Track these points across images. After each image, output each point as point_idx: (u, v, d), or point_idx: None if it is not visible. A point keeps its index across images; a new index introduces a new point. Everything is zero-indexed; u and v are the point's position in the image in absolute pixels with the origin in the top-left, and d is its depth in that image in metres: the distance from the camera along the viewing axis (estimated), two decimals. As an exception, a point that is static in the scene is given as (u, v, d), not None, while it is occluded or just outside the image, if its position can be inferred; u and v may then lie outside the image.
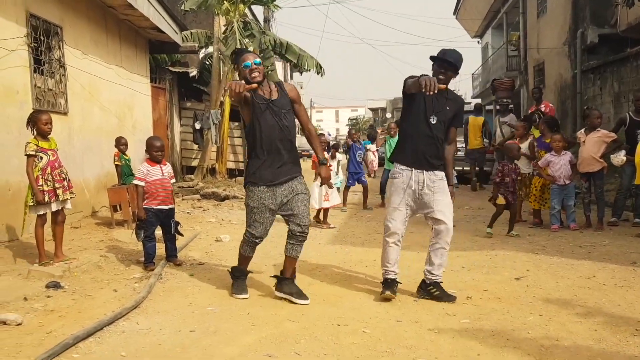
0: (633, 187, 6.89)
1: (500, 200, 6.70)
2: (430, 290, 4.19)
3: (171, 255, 5.44)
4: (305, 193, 4.22)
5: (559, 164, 6.89)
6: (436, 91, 3.72)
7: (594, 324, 3.50)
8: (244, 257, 4.38)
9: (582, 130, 7.29)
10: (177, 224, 5.49)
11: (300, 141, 24.52)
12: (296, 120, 4.33)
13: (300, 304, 4.06)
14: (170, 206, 5.46)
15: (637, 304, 3.86)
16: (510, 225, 6.77)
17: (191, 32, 13.80)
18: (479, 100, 27.25)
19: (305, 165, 10.12)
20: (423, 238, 6.55)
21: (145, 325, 3.65)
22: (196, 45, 12.91)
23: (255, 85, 4.08)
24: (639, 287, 4.29)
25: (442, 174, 4.18)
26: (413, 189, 4.11)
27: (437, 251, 4.18)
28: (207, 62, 15.62)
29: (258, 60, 4.15)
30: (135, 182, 5.33)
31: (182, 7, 13.97)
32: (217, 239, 6.76)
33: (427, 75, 3.88)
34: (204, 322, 3.69)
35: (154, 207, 5.31)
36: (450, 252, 5.62)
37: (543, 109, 10.07)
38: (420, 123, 4.15)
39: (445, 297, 4.14)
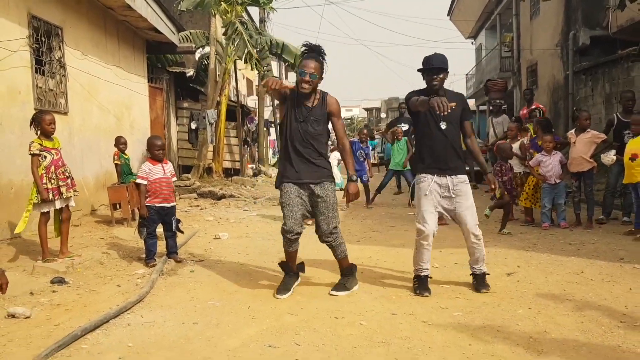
0: (620, 186, 7.06)
1: (507, 197, 7.01)
2: (472, 280, 4.47)
3: (172, 252, 5.57)
4: (326, 201, 4.25)
5: (549, 164, 7.06)
6: (449, 111, 3.88)
7: (580, 317, 3.66)
8: (286, 253, 4.42)
9: (572, 130, 7.44)
10: (178, 221, 5.61)
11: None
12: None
13: (330, 294, 4.30)
14: (172, 204, 5.59)
15: (623, 298, 4.02)
16: (503, 224, 6.93)
17: (190, 32, 13.93)
18: (472, 101, 27.50)
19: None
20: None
21: (149, 318, 3.79)
22: (193, 45, 13.04)
23: (290, 86, 4.23)
24: (624, 282, 4.46)
25: (464, 177, 4.36)
26: (438, 191, 4.30)
27: (470, 248, 4.40)
28: (204, 62, 15.74)
29: (315, 74, 4.14)
30: (138, 181, 5.46)
31: (179, 8, 14.11)
32: (215, 237, 6.89)
33: (436, 97, 3.99)
34: (206, 316, 3.83)
35: (156, 205, 5.44)
36: (444, 249, 5.86)
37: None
38: (432, 131, 4.32)
39: (476, 285, 4.39)
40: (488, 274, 4.50)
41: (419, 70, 4.38)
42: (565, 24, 14.76)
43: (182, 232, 5.77)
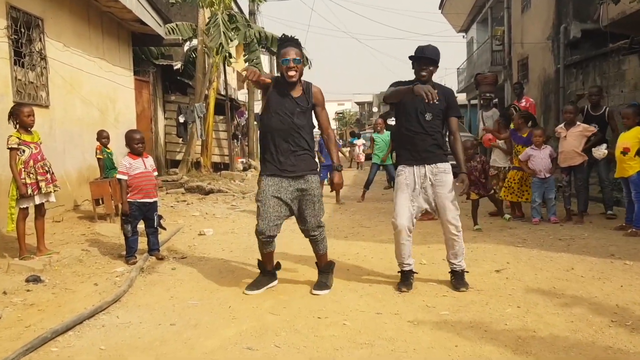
0: (607, 180, 7.00)
1: (473, 195, 6.83)
2: (450, 279, 4.34)
3: (153, 249, 5.43)
4: (311, 193, 4.10)
5: (539, 158, 6.96)
6: (437, 99, 3.79)
7: (570, 316, 3.56)
8: (261, 254, 4.27)
9: (562, 125, 7.36)
10: (160, 217, 5.47)
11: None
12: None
13: (313, 293, 4.15)
14: (153, 199, 5.45)
15: (614, 296, 3.92)
16: (499, 210, 7.24)
17: (176, 25, 13.72)
18: (463, 95, 27.43)
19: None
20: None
21: (125, 319, 3.65)
22: (180, 38, 12.83)
23: (268, 80, 4.08)
24: (615, 279, 4.36)
25: (444, 166, 4.20)
26: (416, 183, 4.16)
27: (448, 240, 4.26)
28: (192, 55, 15.53)
29: (298, 59, 4.03)
30: (119, 176, 5.30)
31: (176, 1, 13.89)
32: (200, 233, 6.75)
33: (419, 84, 3.90)
34: (184, 316, 3.69)
35: (138, 201, 5.29)
36: (432, 244, 5.75)
37: (524, 104, 10.15)
38: (415, 122, 4.19)
39: (455, 283, 4.25)
40: (467, 271, 4.36)
41: (410, 57, 4.25)
42: (557, 17, 14.67)
43: (164, 228, 5.62)
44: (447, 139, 4.41)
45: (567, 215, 7.13)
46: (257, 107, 24.35)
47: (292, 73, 4.02)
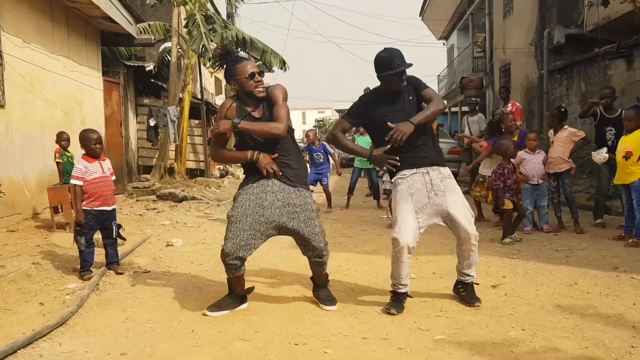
0: (612, 188, 6.64)
1: (508, 204, 6.11)
2: (458, 289, 3.92)
3: (112, 262, 4.87)
4: (308, 209, 3.57)
5: (533, 162, 6.57)
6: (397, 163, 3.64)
7: (583, 340, 3.11)
8: (228, 279, 3.69)
9: (551, 131, 7.05)
10: (119, 226, 4.92)
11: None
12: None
13: (325, 309, 3.72)
14: (112, 207, 4.90)
15: (628, 316, 3.49)
16: (513, 229, 6.22)
17: (149, 24, 13.14)
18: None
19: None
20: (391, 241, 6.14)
21: (68, 347, 3.11)
22: (153, 37, 12.24)
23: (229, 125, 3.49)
24: (625, 295, 3.94)
25: (447, 171, 3.75)
26: (421, 190, 3.65)
27: (464, 252, 3.77)
28: (166, 57, 14.95)
29: (262, 72, 3.59)
30: (73, 181, 4.74)
31: (148, 1, 13.34)
32: (168, 244, 6.19)
33: (375, 150, 3.72)
34: (139, 343, 3.16)
35: (95, 209, 4.74)
36: (421, 256, 5.28)
37: (510, 108, 9.80)
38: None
39: (468, 299, 3.82)
40: (477, 283, 3.95)
41: (379, 75, 3.70)
42: (540, 22, 14.44)
43: (123, 239, 5.08)
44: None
45: (558, 223, 6.75)
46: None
47: (261, 89, 3.55)
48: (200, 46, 11.57)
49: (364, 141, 9.34)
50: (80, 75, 9.56)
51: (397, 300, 3.74)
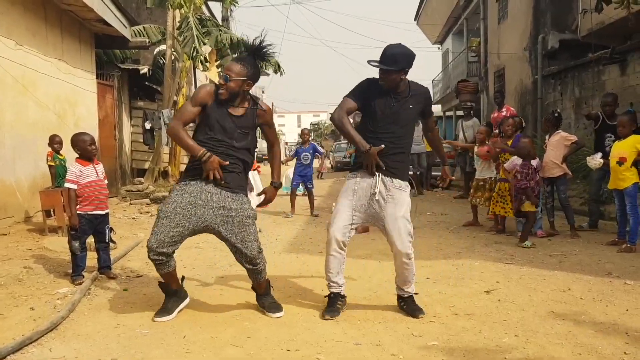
0: (606, 192, 6.66)
1: (529, 206, 6.15)
2: (400, 304, 3.82)
3: (104, 266, 4.83)
4: (244, 214, 3.50)
5: (526, 168, 6.57)
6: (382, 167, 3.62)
7: (577, 347, 3.10)
8: (161, 276, 3.68)
9: (547, 136, 7.09)
10: (111, 229, 4.89)
11: (262, 145, 24.07)
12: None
13: (273, 317, 3.67)
14: (105, 211, 4.87)
15: (621, 322, 3.49)
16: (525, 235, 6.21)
17: (144, 27, 13.11)
18: (438, 106, 27.26)
19: (265, 169, 9.56)
20: (385, 246, 6.13)
21: (59, 353, 3.08)
22: (147, 40, 12.21)
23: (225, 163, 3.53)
24: (618, 301, 3.93)
25: (402, 184, 3.69)
26: (365, 191, 3.64)
27: (397, 268, 3.73)
28: (161, 60, 14.91)
29: (227, 76, 3.49)
30: (67, 184, 4.69)
31: (145, 5, 13.32)
32: (161, 248, 6.15)
33: (372, 148, 3.60)
34: (130, 349, 3.13)
35: (89, 213, 4.70)
36: (414, 261, 5.25)
37: (504, 113, 9.83)
38: (381, 131, 3.66)
39: (410, 311, 3.71)
40: (416, 293, 3.86)
41: (369, 62, 3.65)
42: (534, 27, 14.49)
43: (113, 242, 5.05)
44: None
45: (550, 227, 6.76)
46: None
47: (221, 91, 3.53)
48: (192, 49, 11.54)
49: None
50: (73, 78, 9.53)
51: (330, 304, 3.73)
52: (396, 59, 3.56)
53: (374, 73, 3.70)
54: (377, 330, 3.45)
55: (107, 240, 4.84)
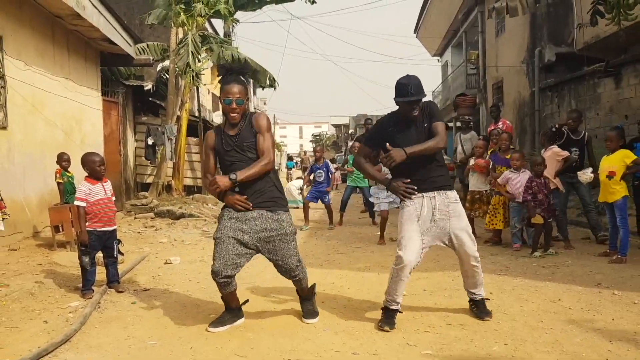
0: (591, 204, 6.86)
1: (538, 219, 6.34)
2: (471, 306, 4.16)
3: (113, 280, 5.03)
4: (282, 232, 3.73)
5: (517, 181, 6.75)
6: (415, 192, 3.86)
7: (562, 354, 3.28)
8: (221, 294, 3.89)
9: (543, 150, 7.30)
10: (118, 241, 5.09)
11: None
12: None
13: (307, 323, 3.99)
14: (113, 227, 5.07)
15: (606, 331, 3.66)
16: (546, 245, 6.42)
17: (147, 45, 13.38)
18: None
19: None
20: (384, 258, 6.32)
21: (73, 364, 3.27)
22: (151, 58, 12.49)
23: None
24: (605, 311, 4.11)
25: (454, 195, 3.94)
26: (427, 214, 3.85)
27: (468, 271, 4.04)
28: (164, 76, 15.19)
29: (242, 100, 3.71)
30: (77, 202, 4.90)
31: (146, 22, 13.63)
32: (166, 262, 6.36)
33: (398, 181, 3.90)
34: (140, 359, 3.32)
35: (98, 229, 4.91)
36: (412, 274, 5.41)
37: (501, 126, 10.03)
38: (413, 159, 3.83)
39: (479, 313, 4.05)
40: (488, 299, 4.18)
41: (395, 99, 3.90)
42: (531, 41, 14.75)
43: (121, 254, 5.25)
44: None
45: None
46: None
47: (234, 115, 3.73)
48: (185, 64, 11.84)
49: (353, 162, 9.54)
50: (80, 96, 9.77)
51: (388, 317, 3.91)
52: (420, 88, 3.84)
53: (376, 88, 3.95)
54: (374, 340, 3.63)
55: (115, 255, 5.04)
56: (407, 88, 3.81)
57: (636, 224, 6.94)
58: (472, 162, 7.80)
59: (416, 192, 3.86)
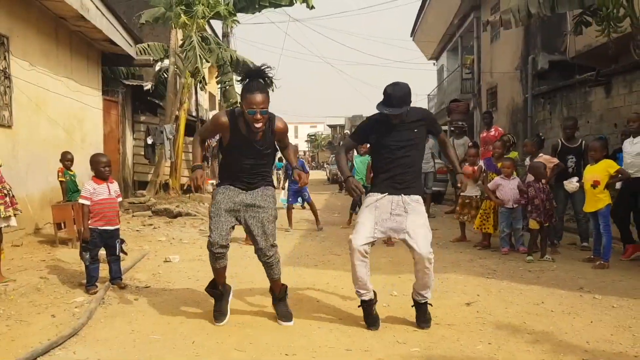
0: (582, 213, 7.10)
1: (533, 224, 6.53)
2: (416, 316, 4.13)
3: (115, 277, 5.22)
4: (267, 211, 4.02)
5: (508, 188, 6.99)
6: (362, 192, 4.08)
7: (541, 353, 3.51)
8: (214, 270, 4.16)
9: (527, 157, 7.52)
10: (122, 241, 5.29)
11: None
12: None
13: (282, 325, 4.09)
14: (115, 227, 5.26)
15: (584, 332, 3.89)
16: (543, 250, 6.61)
17: (148, 45, 13.56)
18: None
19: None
20: (376, 259, 6.52)
21: (82, 355, 3.47)
22: (151, 58, 12.68)
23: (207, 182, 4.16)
24: (585, 314, 4.34)
25: (418, 197, 4.06)
26: (385, 207, 3.98)
27: (418, 272, 4.00)
28: (163, 76, 15.37)
29: (266, 110, 3.79)
30: (81, 201, 5.10)
31: (139, 21, 13.77)
32: (165, 260, 6.55)
33: (351, 178, 4.09)
34: (145, 352, 3.53)
35: (99, 228, 5.10)
36: (403, 274, 5.67)
37: (493, 133, 10.28)
38: (392, 156, 4.02)
39: (417, 321, 4.07)
40: (431, 304, 4.17)
41: (377, 106, 3.97)
42: (525, 48, 15.01)
43: (125, 253, 5.44)
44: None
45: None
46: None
47: (259, 125, 3.84)
48: (194, 67, 12.02)
49: (361, 160, 9.66)
50: (81, 95, 9.96)
51: (368, 313, 4.06)
52: (405, 99, 3.92)
53: (369, 90, 4.16)
54: (366, 337, 3.85)
55: (117, 253, 5.23)
56: (390, 99, 3.88)
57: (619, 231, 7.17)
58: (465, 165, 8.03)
59: (362, 194, 4.12)
